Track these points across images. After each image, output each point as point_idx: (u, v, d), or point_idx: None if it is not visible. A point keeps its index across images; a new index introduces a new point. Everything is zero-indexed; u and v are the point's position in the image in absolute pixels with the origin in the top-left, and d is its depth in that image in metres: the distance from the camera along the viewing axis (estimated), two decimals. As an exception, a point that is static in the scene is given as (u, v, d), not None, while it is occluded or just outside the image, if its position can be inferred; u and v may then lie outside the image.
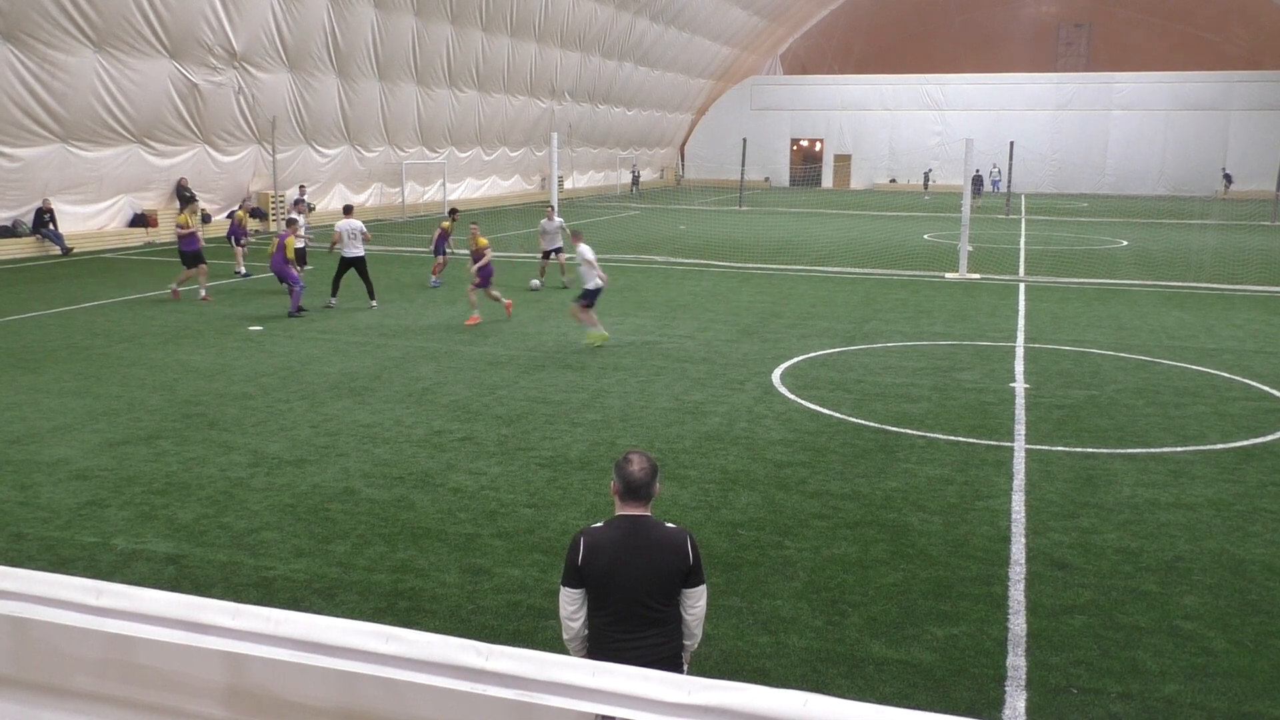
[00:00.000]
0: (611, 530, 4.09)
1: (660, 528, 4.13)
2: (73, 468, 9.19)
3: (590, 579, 4.05)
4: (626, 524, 4.09)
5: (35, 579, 2.58)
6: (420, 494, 8.61)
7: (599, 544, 4.06)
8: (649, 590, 4.04)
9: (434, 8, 36.91)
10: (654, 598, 4.06)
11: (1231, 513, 8.41)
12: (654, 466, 4.13)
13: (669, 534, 4.12)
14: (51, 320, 16.62)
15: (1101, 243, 32.72)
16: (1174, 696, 5.59)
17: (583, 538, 4.10)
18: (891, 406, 11.65)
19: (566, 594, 4.12)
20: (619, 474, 4.12)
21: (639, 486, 4.08)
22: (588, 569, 4.04)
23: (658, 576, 4.05)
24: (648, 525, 4.11)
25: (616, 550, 4.04)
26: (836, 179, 68.76)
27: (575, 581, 4.08)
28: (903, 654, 6.01)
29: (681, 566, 4.08)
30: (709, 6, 55.44)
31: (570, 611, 4.12)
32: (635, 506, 4.11)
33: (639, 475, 4.08)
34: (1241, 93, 60.80)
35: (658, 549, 4.06)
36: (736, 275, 23.32)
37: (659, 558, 4.05)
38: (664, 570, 4.05)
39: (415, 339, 15.29)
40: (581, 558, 4.05)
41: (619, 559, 4.03)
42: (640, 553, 4.04)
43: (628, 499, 4.11)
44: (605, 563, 4.03)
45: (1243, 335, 16.47)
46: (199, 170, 30.22)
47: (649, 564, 4.04)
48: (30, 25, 23.52)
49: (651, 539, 4.07)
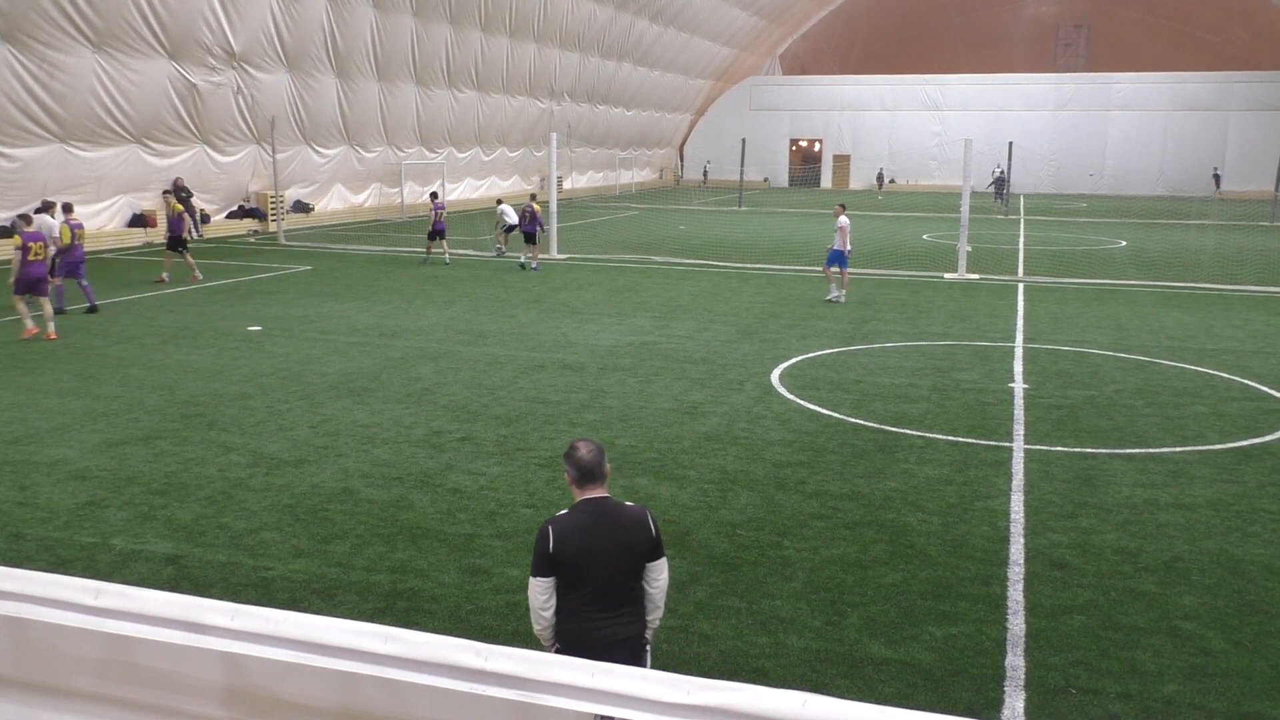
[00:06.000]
0: (578, 515, 4.24)
1: (624, 507, 4.33)
2: (72, 468, 9.18)
3: (564, 565, 4.18)
4: (591, 507, 4.26)
5: (34, 579, 2.58)
6: (419, 494, 8.61)
7: (569, 530, 4.20)
8: (622, 568, 4.24)
9: (433, 8, 36.90)
10: (627, 575, 4.26)
11: (1230, 513, 8.41)
12: (600, 448, 4.34)
13: (633, 512, 4.32)
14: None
15: (1100, 243, 32.74)
16: (1173, 697, 5.59)
17: (551, 526, 4.23)
18: (891, 407, 11.65)
19: (538, 584, 4.23)
20: (571, 462, 4.31)
21: (592, 468, 4.28)
22: (561, 555, 4.17)
23: (629, 554, 4.25)
24: (612, 506, 4.30)
25: (587, 533, 4.19)
26: (835, 179, 68.77)
27: (547, 570, 4.20)
28: (902, 654, 6.01)
29: (648, 541, 4.29)
30: (708, 7, 55.44)
31: (542, 601, 4.23)
32: (594, 489, 4.30)
33: (589, 458, 4.28)
34: (1241, 93, 60.82)
35: (626, 528, 4.25)
36: (736, 275, 23.32)
37: (628, 536, 4.24)
38: (634, 547, 4.25)
39: (414, 339, 15.29)
40: (553, 545, 4.17)
41: (591, 541, 4.18)
42: (610, 533, 4.22)
43: (585, 483, 4.30)
44: (578, 547, 4.17)
45: (1242, 335, 16.47)
46: (198, 170, 30.21)
47: (621, 543, 4.23)
48: (29, 25, 23.51)
49: (618, 518, 4.27)
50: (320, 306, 18.18)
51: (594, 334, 15.85)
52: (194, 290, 20.04)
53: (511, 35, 42.25)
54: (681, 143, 71.09)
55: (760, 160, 66.63)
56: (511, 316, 17.36)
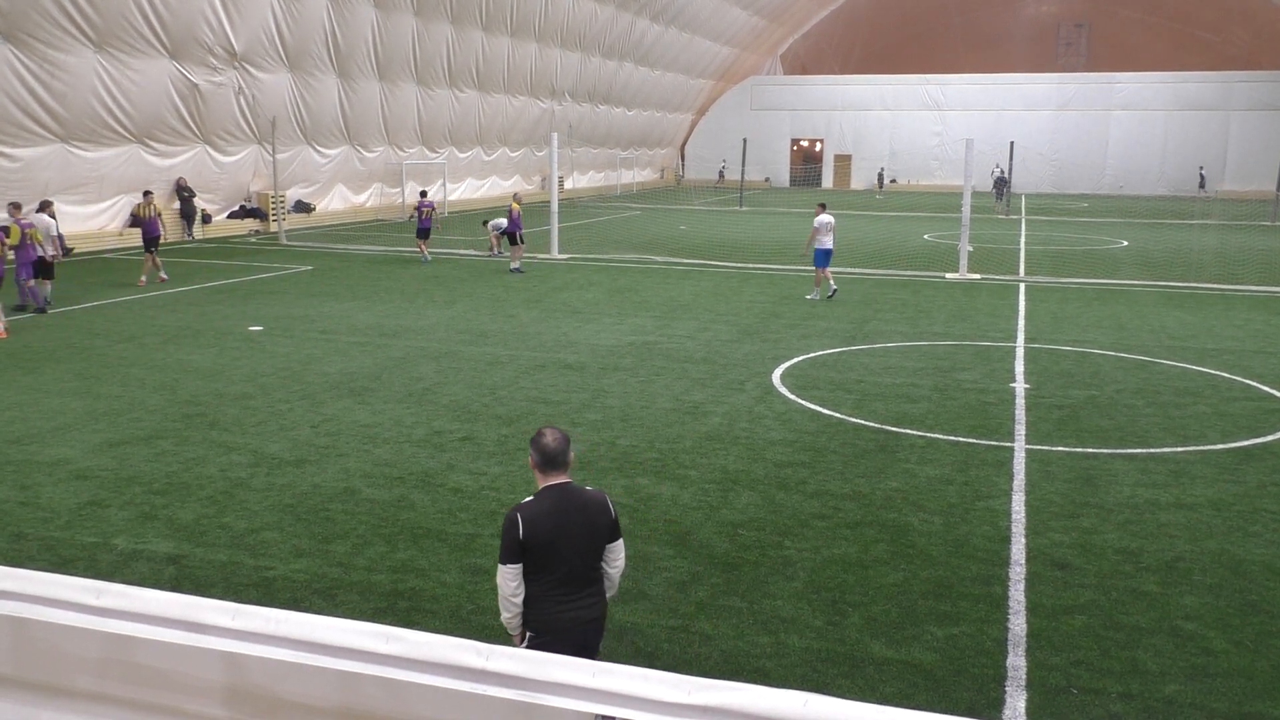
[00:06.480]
0: (545, 501, 4.37)
1: (585, 491, 4.50)
2: (73, 468, 9.19)
3: (534, 550, 4.30)
4: (556, 492, 4.40)
5: (35, 579, 2.58)
6: (420, 494, 8.61)
7: (537, 516, 4.32)
8: (587, 551, 4.41)
9: (434, 8, 36.90)
10: (592, 557, 4.44)
11: (1232, 513, 8.41)
12: (566, 437, 4.48)
13: (594, 496, 4.50)
14: (51, 320, 16.63)
15: (1101, 243, 32.73)
16: (1174, 696, 5.59)
17: (519, 513, 4.34)
18: (891, 406, 11.65)
19: (509, 570, 4.34)
20: (536, 449, 4.44)
21: (556, 455, 4.41)
22: (531, 541, 4.29)
23: (594, 536, 4.43)
24: (575, 491, 4.45)
25: (555, 518, 4.33)
26: (837, 179, 68.76)
27: (517, 557, 4.32)
28: (903, 654, 6.01)
29: (609, 523, 4.48)
30: (709, 7, 55.42)
31: (513, 588, 4.35)
32: (557, 476, 4.43)
33: (554, 445, 4.41)
34: (1241, 93, 60.77)
35: (589, 511, 4.42)
36: (737, 275, 23.32)
37: (592, 519, 4.42)
38: (598, 530, 4.44)
39: (415, 339, 15.29)
40: (524, 532, 4.29)
41: (560, 526, 4.33)
42: (576, 516, 4.38)
43: (549, 470, 4.43)
44: (548, 532, 4.30)
45: (1243, 335, 16.46)
46: (199, 170, 30.22)
47: (587, 526, 4.40)
48: (30, 25, 23.52)
49: (582, 503, 4.43)
50: (321, 306, 18.19)
51: (595, 334, 15.85)
52: (195, 290, 20.04)
53: (513, 35, 42.25)
54: (683, 143, 71.07)
55: (761, 160, 66.60)
56: (512, 316, 17.36)
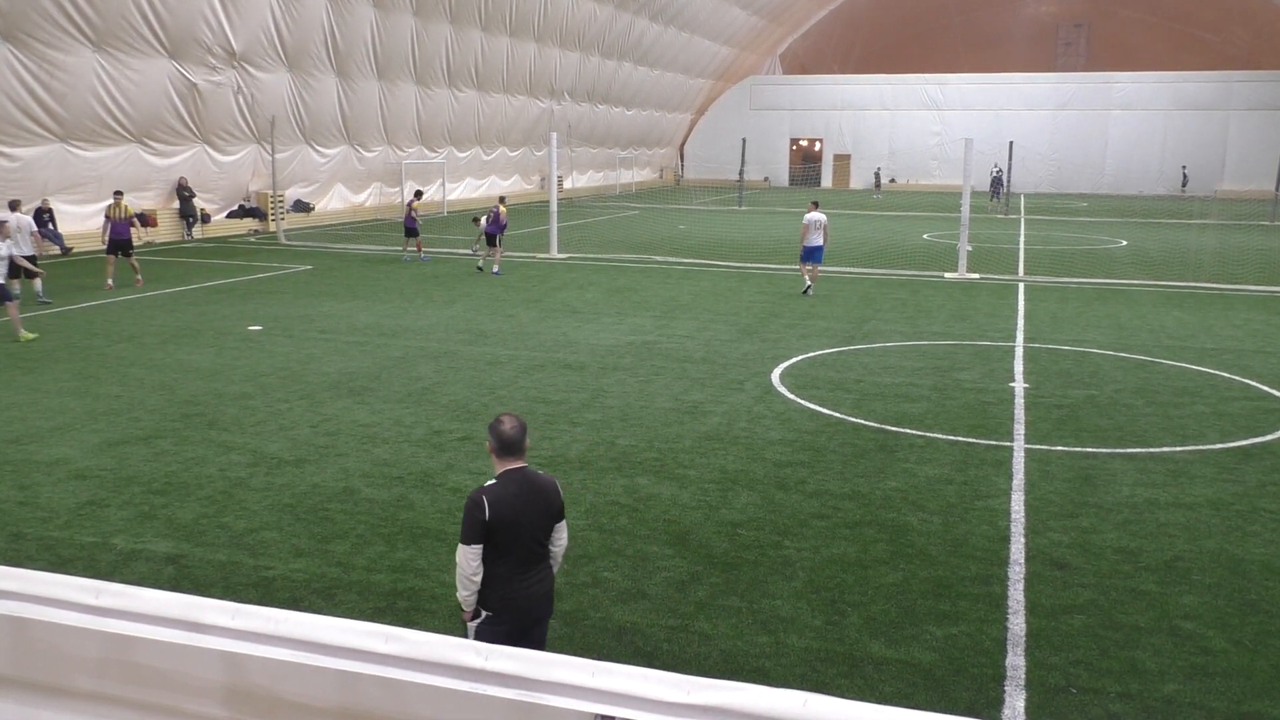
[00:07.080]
0: (506, 485, 4.59)
1: (540, 476, 4.74)
2: (72, 467, 9.18)
3: (497, 531, 4.52)
4: (516, 476, 4.62)
5: (35, 579, 2.59)
6: (420, 494, 8.61)
7: (501, 498, 4.53)
8: (543, 531, 4.66)
9: (433, 8, 36.89)
10: (545, 536, 4.69)
11: (1230, 512, 8.41)
12: (523, 424, 4.69)
13: (546, 480, 4.74)
14: (50, 320, 16.62)
15: (1101, 242, 32.73)
16: (1173, 696, 5.59)
17: (484, 495, 4.54)
18: (891, 406, 11.65)
19: (471, 551, 4.53)
20: (494, 435, 4.63)
21: (514, 442, 4.62)
22: (496, 522, 4.50)
23: (548, 518, 4.68)
24: (531, 475, 4.68)
25: (517, 501, 4.56)
26: (836, 179, 68.77)
27: (481, 537, 4.51)
28: (902, 654, 6.01)
29: (559, 505, 4.74)
30: (708, 6, 55.42)
31: (474, 568, 4.54)
32: (514, 461, 4.65)
33: (512, 432, 4.61)
34: (1241, 93, 60.80)
35: (545, 494, 4.67)
36: (736, 275, 23.32)
37: (548, 501, 4.67)
38: (552, 512, 4.70)
39: (415, 339, 15.29)
40: (489, 514, 4.50)
41: (521, 508, 4.56)
42: (534, 499, 4.62)
43: (506, 455, 4.63)
44: (510, 513, 4.53)
45: (1242, 335, 16.47)
46: (198, 170, 30.21)
47: (543, 508, 4.65)
48: (29, 25, 23.51)
49: (538, 486, 4.66)
50: (320, 306, 18.18)
51: (594, 333, 15.85)
52: (194, 290, 20.04)
53: (512, 35, 42.24)
54: (682, 142, 71.06)
55: (760, 160, 66.59)
56: (512, 316, 17.36)
